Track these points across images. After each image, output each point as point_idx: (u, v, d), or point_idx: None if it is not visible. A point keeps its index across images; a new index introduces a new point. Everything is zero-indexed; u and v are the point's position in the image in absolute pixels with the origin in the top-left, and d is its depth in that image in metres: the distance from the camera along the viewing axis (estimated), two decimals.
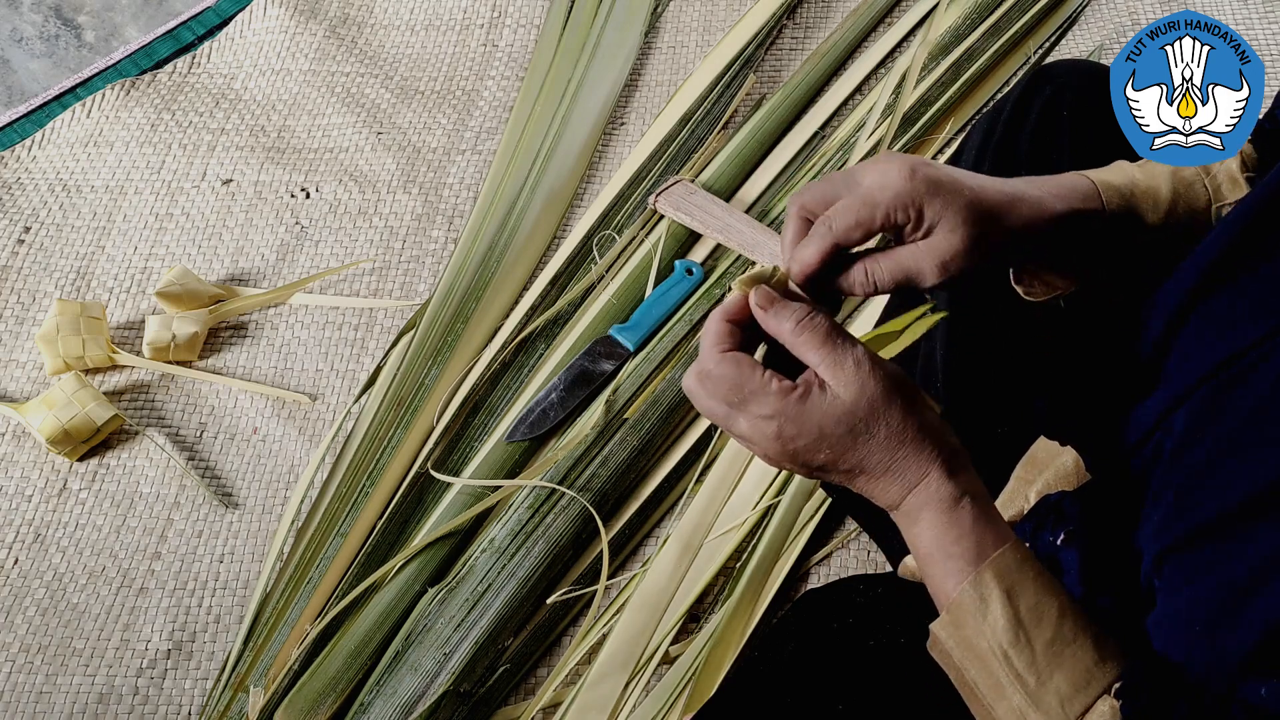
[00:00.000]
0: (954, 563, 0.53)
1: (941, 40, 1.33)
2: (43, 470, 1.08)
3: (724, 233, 1.17)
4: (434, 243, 1.23)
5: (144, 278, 1.20)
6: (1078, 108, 0.80)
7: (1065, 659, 0.51)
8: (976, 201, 0.57)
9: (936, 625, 0.54)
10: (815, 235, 0.57)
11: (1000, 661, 0.51)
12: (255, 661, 0.95)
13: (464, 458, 1.07)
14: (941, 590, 0.54)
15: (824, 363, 0.54)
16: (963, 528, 0.53)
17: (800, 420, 0.53)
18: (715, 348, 0.56)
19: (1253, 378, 0.50)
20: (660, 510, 1.05)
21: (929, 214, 0.56)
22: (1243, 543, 0.48)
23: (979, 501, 0.54)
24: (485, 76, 1.38)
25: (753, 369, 0.54)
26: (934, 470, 0.54)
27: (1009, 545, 0.54)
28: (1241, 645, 0.47)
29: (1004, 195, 0.58)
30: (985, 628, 0.52)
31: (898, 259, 0.57)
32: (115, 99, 1.34)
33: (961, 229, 0.56)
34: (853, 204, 0.56)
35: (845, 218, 0.56)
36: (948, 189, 0.56)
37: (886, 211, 0.56)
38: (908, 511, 0.55)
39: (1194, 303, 0.57)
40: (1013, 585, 0.52)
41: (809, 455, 0.54)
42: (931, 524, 0.54)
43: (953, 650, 0.53)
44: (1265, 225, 0.54)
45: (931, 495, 0.54)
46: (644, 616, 0.96)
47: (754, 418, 0.54)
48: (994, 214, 0.57)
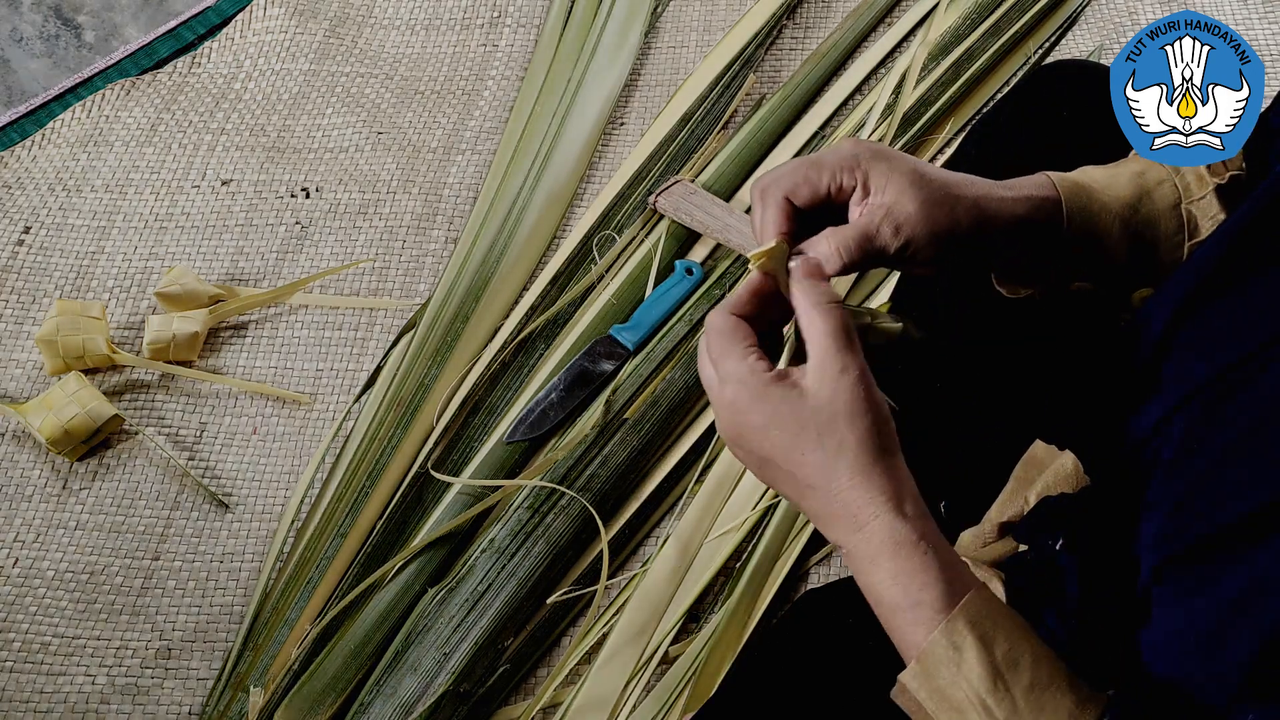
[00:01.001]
0: (922, 610, 0.51)
1: (941, 40, 1.33)
2: (43, 470, 1.08)
3: (724, 233, 1.17)
4: (434, 243, 1.23)
5: (144, 278, 1.20)
6: (1078, 108, 0.80)
7: (1046, 704, 0.49)
8: (920, 172, 0.58)
9: (906, 676, 0.52)
10: (767, 197, 0.59)
11: (979, 712, 0.49)
12: (255, 661, 0.95)
13: (464, 458, 1.07)
14: (909, 640, 0.51)
15: (820, 351, 0.53)
16: (929, 573, 0.51)
17: (757, 397, 0.52)
18: (725, 307, 0.56)
19: (1251, 388, 0.50)
20: (660, 510, 1.05)
21: (874, 179, 0.58)
22: (1238, 560, 0.47)
23: (939, 545, 0.52)
24: (485, 76, 1.38)
25: (744, 335, 0.54)
26: (884, 511, 0.51)
27: (975, 589, 0.52)
28: (1234, 664, 0.46)
29: (951, 175, 0.60)
30: (960, 678, 0.50)
31: (856, 225, 0.58)
32: (115, 99, 1.34)
33: (909, 190, 0.57)
34: (800, 164, 0.59)
35: (792, 174, 0.58)
36: (892, 157, 0.58)
37: (832, 171, 0.58)
38: (863, 554, 0.52)
39: (1191, 309, 0.56)
40: (985, 632, 0.50)
41: (754, 439, 0.53)
42: (892, 570, 0.51)
43: (925, 701, 0.51)
44: (1263, 231, 0.54)
45: (885, 538, 0.51)
46: (644, 616, 0.96)
47: (722, 379, 0.54)
48: (941, 183, 0.58)
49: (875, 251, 0.58)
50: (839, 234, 0.57)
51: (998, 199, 0.60)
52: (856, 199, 0.59)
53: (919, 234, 0.58)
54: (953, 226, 0.58)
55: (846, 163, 0.58)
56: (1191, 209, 0.63)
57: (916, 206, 0.57)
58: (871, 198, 0.58)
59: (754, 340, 0.54)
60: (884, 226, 0.57)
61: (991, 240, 0.61)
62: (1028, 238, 0.62)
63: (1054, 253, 0.63)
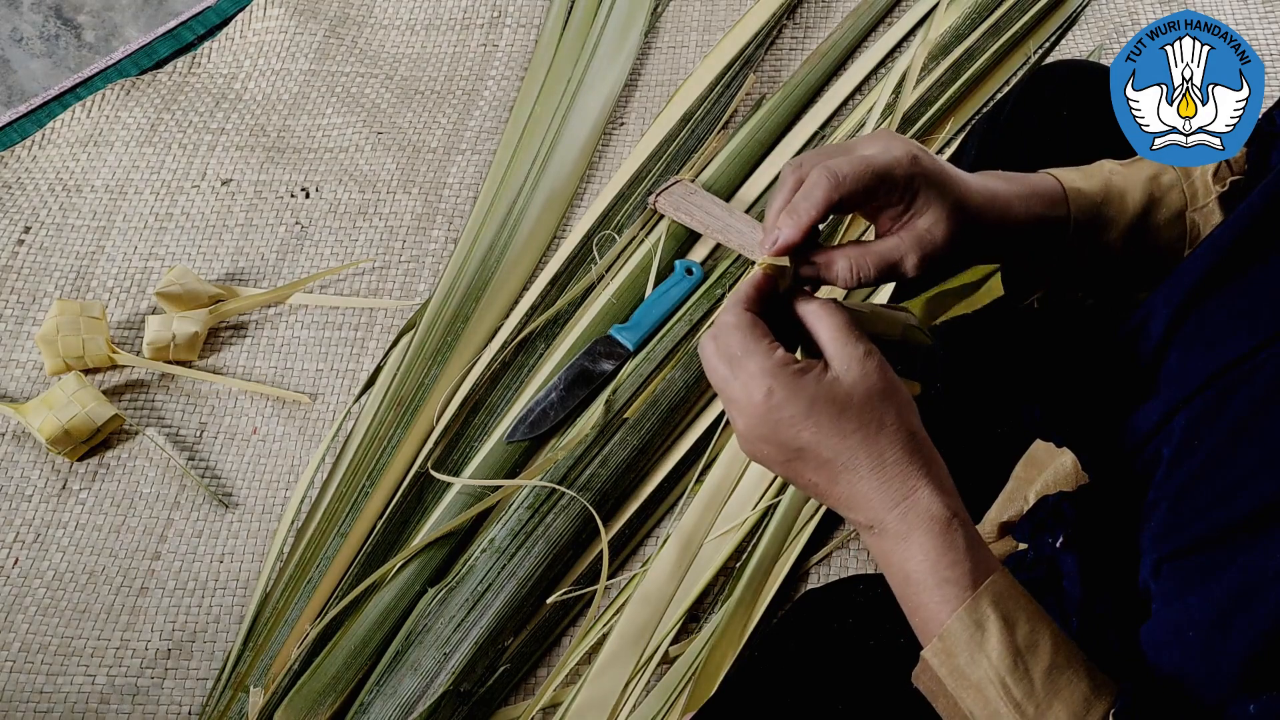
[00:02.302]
0: (950, 588, 0.51)
1: (941, 40, 1.33)
2: (43, 470, 1.08)
3: (724, 233, 1.17)
4: (434, 243, 1.23)
5: (144, 278, 1.20)
6: (1078, 108, 0.80)
7: (1062, 687, 0.50)
8: (963, 202, 0.57)
9: (928, 652, 0.52)
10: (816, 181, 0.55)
11: (998, 690, 0.50)
12: (255, 661, 0.95)
13: (464, 458, 1.07)
14: (933, 617, 0.52)
15: (834, 341, 0.53)
16: (958, 551, 0.52)
17: (793, 388, 0.52)
18: (738, 304, 0.55)
19: (1251, 385, 0.50)
20: (660, 510, 1.05)
21: (919, 202, 0.56)
22: (1238, 554, 0.47)
23: (967, 524, 0.53)
24: (485, 76, 1.38)
25: (764, 332, 0.54)
26: (923, 485, 0.52)
27: (1000, 571, 0.52)
28: (1234, 658, 0.46)
29: (984, 196, 0.59)
30: (982, 656, 0.50)
31: (881, 249, 0.56)
32: (115, 99, 1.34)
33: (945, 223, 0.56)
34: (861, 165, 0.55)
35: (855, 176, 0.55)
36: (941, 184, 0.56)
37: (889, 186, 0.55)
38: (896, 531, 0.53)
39: (1191, 308, 0.56)
40: (1009, 612, 0.51)
41: (791, 430, 0.52)
42: (924, 545, 0.52)
43: (945, 678, 0.52)
44: (1263, 231, 0.54)
45: (922, 513, 0.52)
46: (644, 616, 0.96)
47: (749, 376, 0.53)
48: (975, 215, 0.58)
49: (893, 277, 0.57)
50: (859, 255, 0.56)
51: (1017, 218, 0.60)
52: (893, 214, 0.57)
53: (939, 260, 0.57)
54: (972, 253, 0.58)
55: (901, 182, 0.56)
56: (1194, 216, 0.63)
57: (946, 239, 0.56)
58: (909, 222, 0.57)
59: (771, 335, 0.54)
60: (910, 255, 0.56)
61: (1003, 254, 0.61)
62: (1036, 247, 0.62)
63: (1056, 258, 0.63)
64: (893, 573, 0.54)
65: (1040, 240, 0.61)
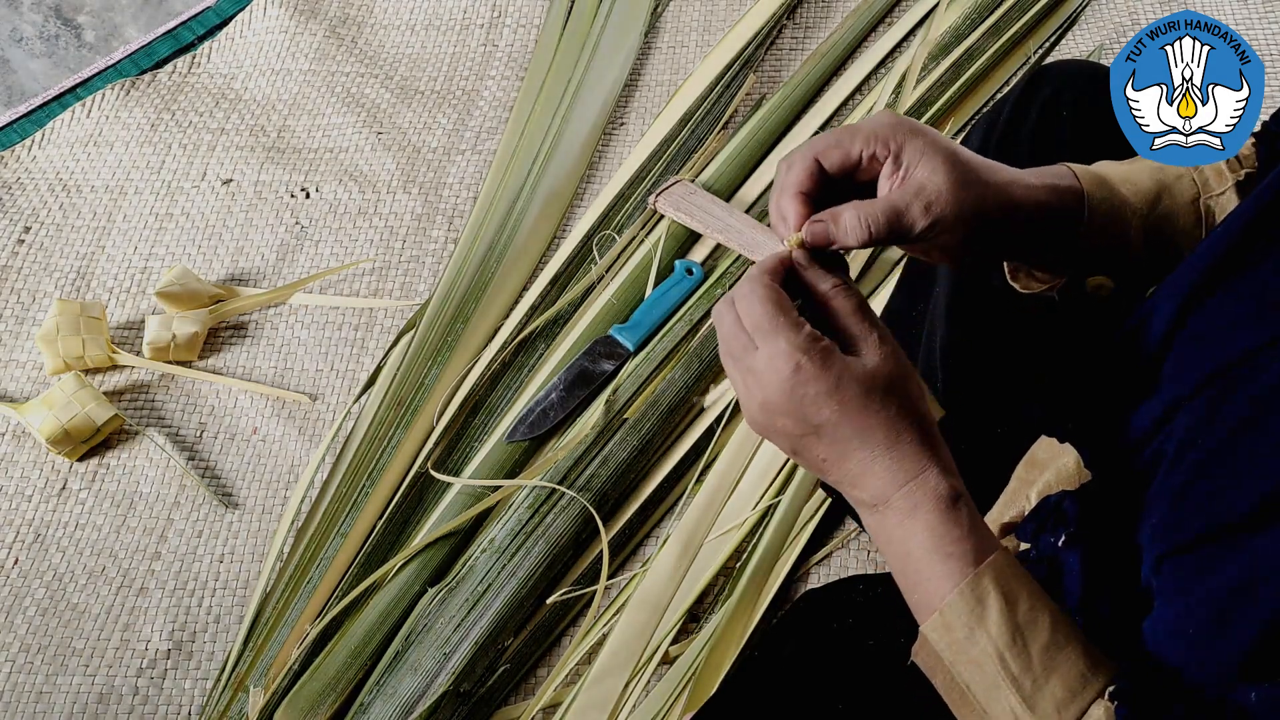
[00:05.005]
0: (953, 563, 0.53)
1: (941, 40, 1.33)
2: (43, 470, 1.08)
3: (724, 233, 1.17)
4: (434, 243, 1.23)
5: (144, 278, 1.20)
6: (1078, 108, 0.80)
7: (1059, 664, 0.51)
8: (954, 153, 0.58)
9: (928, 627, 0.53)
10: (794, 157, 0.58)
11: (996, 664, 0.51)
12: (255, 661, 0.95)
13: (464, 458, 1.07)
14: (933, 592, 0.53)
15: (854, 326, 0.54)
16: (962, 528, 0.53)
17: (821, 364, 0.52)
18: (762, 274, 0.55)
19: (1253, 382, 0.50)
20: (660, 510, 1.05)
21: (908, 154, 0.57)
22: (1238, 550, 0.48)
23: (969, 504, 0.54)
24: (485, 76, 1.38)
25: (790, 305, 0.54)
26: (932, 465, 0.54)
27: (1001, 549, 0.53)
28: (1235, 651, 0.47)
29: (982, 159, 0.59)
30: (981, 631, 0.51)
31: (885, 199, 0.57)
32: (115, 99, 1.34)
33: (942, 170, 0.57)
34: (834, 131, 0.58)
35: (824, 139, 0.58)
36: (929, 135, 0.58)
37: (866, 138, 0.57)
38: (903, 508, 0.54)
39: (1194, 304, 0.56)
40: (1009, 588, 0.52)
41: (814, 407, 0.53)
42: (929, 522, 0.53)
43: (944, 652, 0.53)
44: (1266, 227, 0.54)
45: (930, 491, 0.53)
46: (644, 616, 0.96)
47: (777, 349, 0.53)
48: (973, 166, 0.58)
49: (902, 229, 0.57)
50: (866, 206, 0.57)
51: (1025, 185, 0.60)
52: (888, 172, 0.58)
53: (947, 215, 0.57)
54: (981, 210, 0.58)
55: (883, 133, 0.57)
56: (1210, 204, 0.64)
57: (948, 187, 0.57)
58: (904, 174, 0.57)
59: (796, 310, 0.55)
60: (914, 204, 0.57)
61: (1015, 227, 0.61)
62: (1050, 226, 0.62)
63: (1074, 243, 0.63)
64: (893, 549, 0.55)
65: (1056, 214, 0.61)
